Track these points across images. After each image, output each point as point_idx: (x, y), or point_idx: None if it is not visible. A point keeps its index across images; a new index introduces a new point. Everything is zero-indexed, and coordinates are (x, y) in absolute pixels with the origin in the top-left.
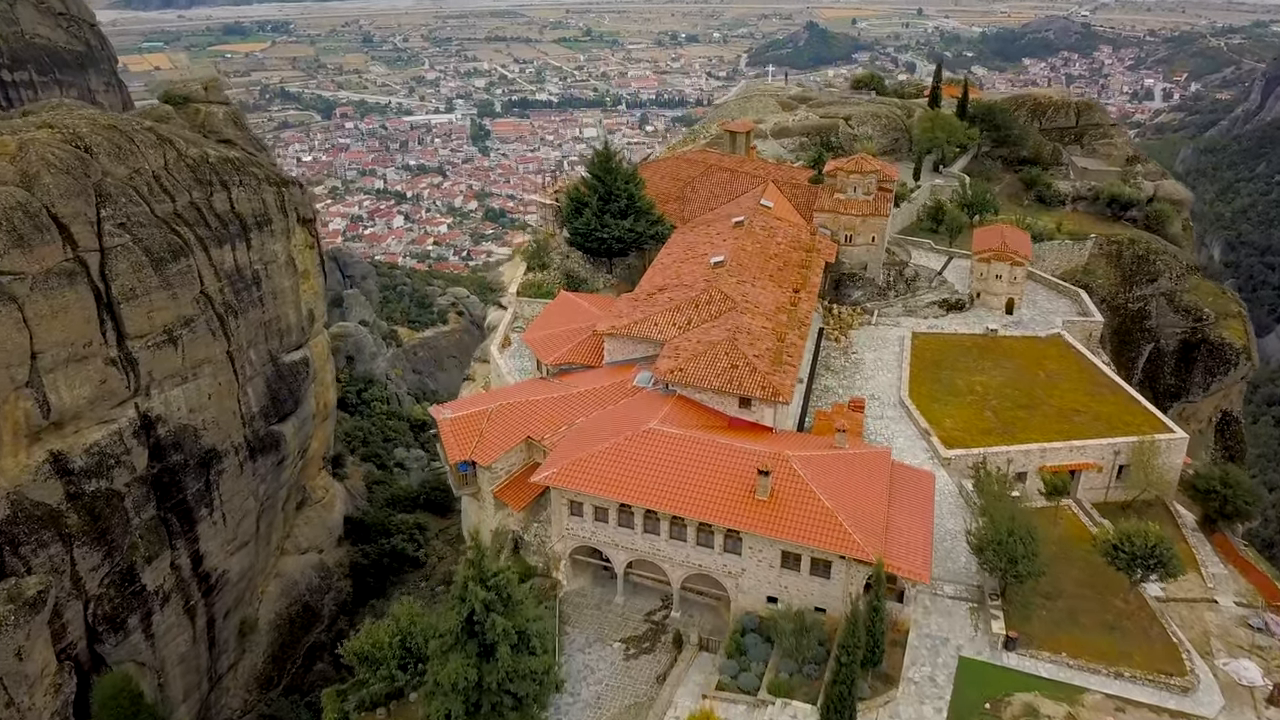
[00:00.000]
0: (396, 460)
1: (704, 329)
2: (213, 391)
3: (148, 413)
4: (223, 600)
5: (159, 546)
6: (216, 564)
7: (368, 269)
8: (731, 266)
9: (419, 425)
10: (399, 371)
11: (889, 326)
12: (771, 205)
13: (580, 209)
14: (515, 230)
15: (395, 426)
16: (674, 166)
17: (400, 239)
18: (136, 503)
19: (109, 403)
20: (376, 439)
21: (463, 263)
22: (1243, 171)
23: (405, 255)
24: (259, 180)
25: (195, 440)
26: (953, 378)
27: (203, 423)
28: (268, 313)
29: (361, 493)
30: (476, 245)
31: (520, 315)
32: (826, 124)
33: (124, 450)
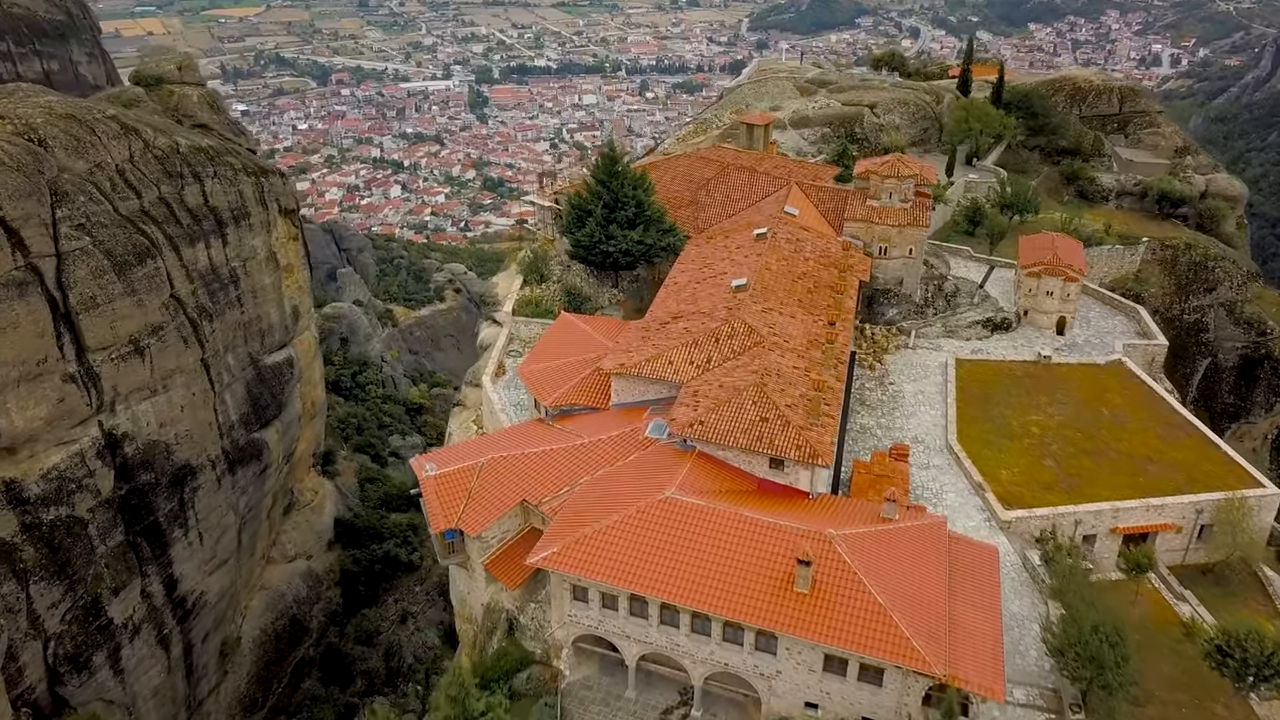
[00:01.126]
0: (391, 449)
1: (726, 369)
2: (186, 403)
3: (113, 430)
4: (201, 624)
5: (127, 575)
6: (193, 586)
7: (364, 242)
8: (755, 290)
9: (415, 409)
10: (395, 353)
11: (928, 350)
12: (796, 213)
13: (582, 218)
14: (513, 200)
15: (391, 411)
16: (686, 166)
17: (397, 209)
18: (101, 529)
19: (68, 422)
20: (371, 426)
21: (461, 233)
22: (1254, 141)
23: (402, 226)
24: (235, 170)
25: (167, 457)
26: (1005, 416)
27: (175, 437)
28: (247, 313)
29: (354, 490)
30: (475, 215)
31: (516, 336)
32: (850, 113)
33: (87, 473)
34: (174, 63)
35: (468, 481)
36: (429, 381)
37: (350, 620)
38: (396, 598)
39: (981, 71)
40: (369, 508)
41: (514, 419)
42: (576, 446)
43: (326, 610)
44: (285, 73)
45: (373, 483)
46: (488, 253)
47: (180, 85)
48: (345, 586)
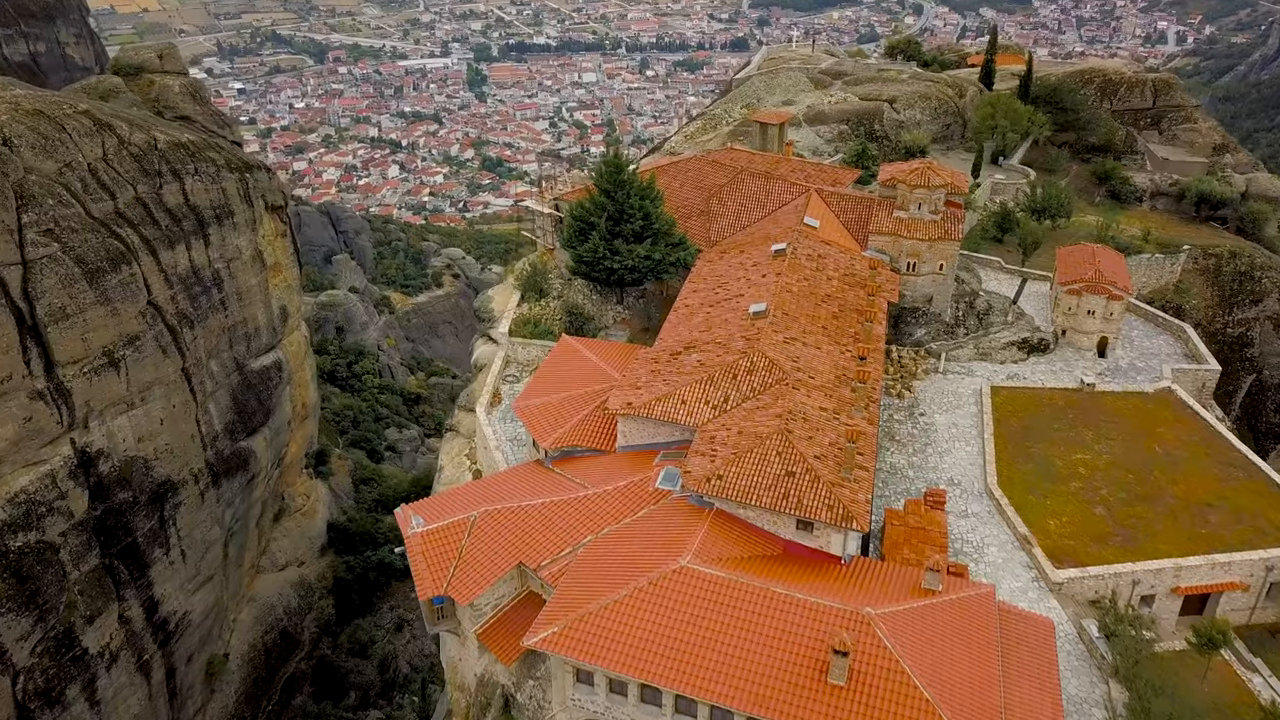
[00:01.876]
0: (388, 443)
1: (745, 411)
2: (165, 415)
3: (86, 448)
4: (185, 645)
5: (104, 601)
6: (176, 607)
7: (361, 224)
8: (776, 318)
9: (413, 398)
10: (392, 341)
11: (960, 375)
12: (817, 225)
13: (584, 231)
14: (512, 180)
15: (388, 401)
16: (696, 171)
17: (395, 189)
18: (75, 554)
19: (37, 442)
20: (368, 419)
21: (459, 214)
22: (1262, 121)
23: (400, 206)
24: (218, 167)
25: (146, 473)
26: (1048, 454)
27: (154, 452)
28: (232, 317)
29: (348, 491)
30: (473, 196)
31: (513, 359)
32: (868, 108)
33: (58, 495)
34: (155, 51)
35: (458, 539)
36: (427, 370)
37: (344, 630)
38: (392, 605)
39: (1005, 61)
40: (363, 510)
41: (510, 457)
42: (579, 499)
43: (319, 620)
44: (282, 50)
45: (367, 483)
46: (486, 235)
47: (161, 75)
48: (338, 595)
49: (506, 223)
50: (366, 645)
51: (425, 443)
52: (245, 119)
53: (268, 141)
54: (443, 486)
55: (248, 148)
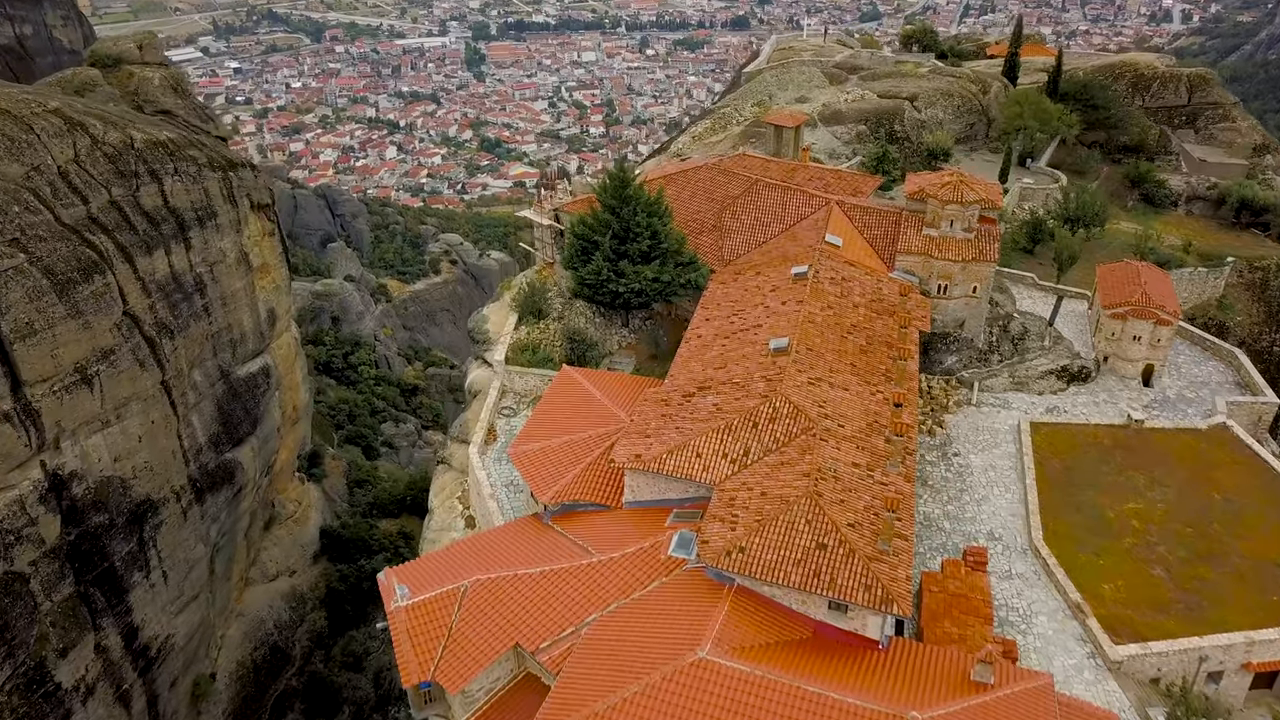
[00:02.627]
0: (384, 439)
1: (769, 467)
2: (144, 432)
3: (58, 470)
4: (168, 670)
5: (78, 632)
6: (158, 631)
7: (359, 207)
8: (799, 354)
9: (410, 389)
10: (388, 331)
11: (995, 408)
12: (840, 243)
13: (587, 251)
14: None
15: (384, 393)
16: (707, 181)
17: (393, 171)
18: (46, 583)
19: (4, 466)
20: (364, 413)
21: (457, 196)
22: (1270, 102)
23: (398, 188)
24: (199, 166)
25: (123, 493)
26: (1097, 502)
27: (132, 471)
28: (215, 323)
29: (342, 494)
30: (472, 178)
31: (510, 389)
32: (888, 107)
33: (27, 521)
34: (134, 41)
35: (447, 614)
36: (424, 360)
37: (337, 642)
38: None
39: (1028, 52)
40: (357, 514)
41: (506, 505)
42: (583, 568)
43: (310, 633)
44: (278, 29)
45: (362, 485)
46: (485, 218)
47: (141, 66)
48: (331, 605)
49: (505, 204)
50: (360, 657)
51: (422, 436)
52: (241, 99)
53: (264, 122)
54: (432, 533)
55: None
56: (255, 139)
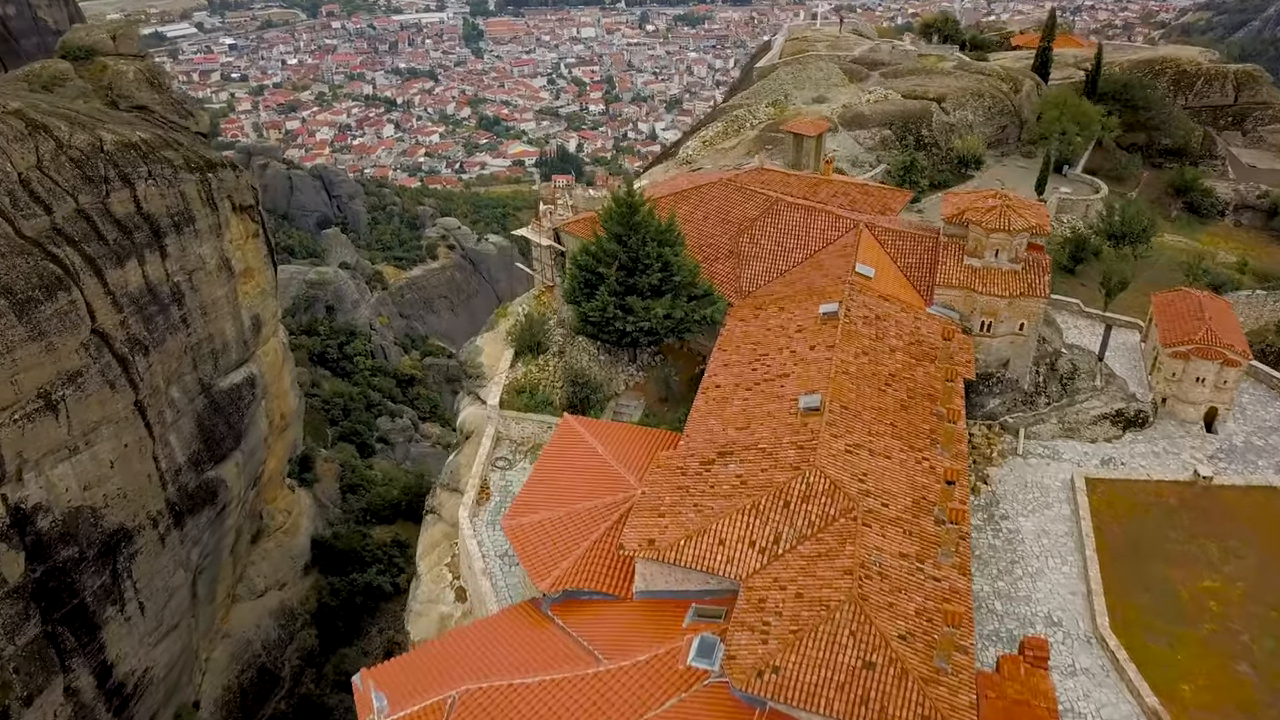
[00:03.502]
0: (380, 434)
1: (803, 559)
2: (116, 457)
3: (21, 504)
4: (147, 704)
5: (45, 676)
6: (135, 665)
7: (355, 189)
8: (834, 414)
9: (406, 380)
10: (385, 319)
11: (1044, 459)
12: (872, 273)
13: (591, 284)
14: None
15: (380, 384)
16: (723, 200)
17: (390, 150)
18: (9, 626)
19: None
20: (359, 407)
21: (455, 175)
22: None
23: (396, 168)
24: (175, 168)
25: (94, 524)
26: (1167, 577)
27: (104, 499)
28: (195, 334)
29: (335, 499)
30: (470, 156)
31: (505, 436)
32: (914, 109)
33: None
34: (108, 30)
35: None
36: (421, 349)
37: (328, 660)
38: (380, 627)
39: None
40: (350, 519)
41: (501, 583)
42: (587, 679)
43: (301, 652)
44: (274, 4)
45: (355, 491)
46: (483, 198)
47: (115, 58)
48: (322, 620)
49: (504, 184)
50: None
51: (419, 429)
52: (237, 75)
53: (260, 99)
54: (419, 604)
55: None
56: (251, 116)
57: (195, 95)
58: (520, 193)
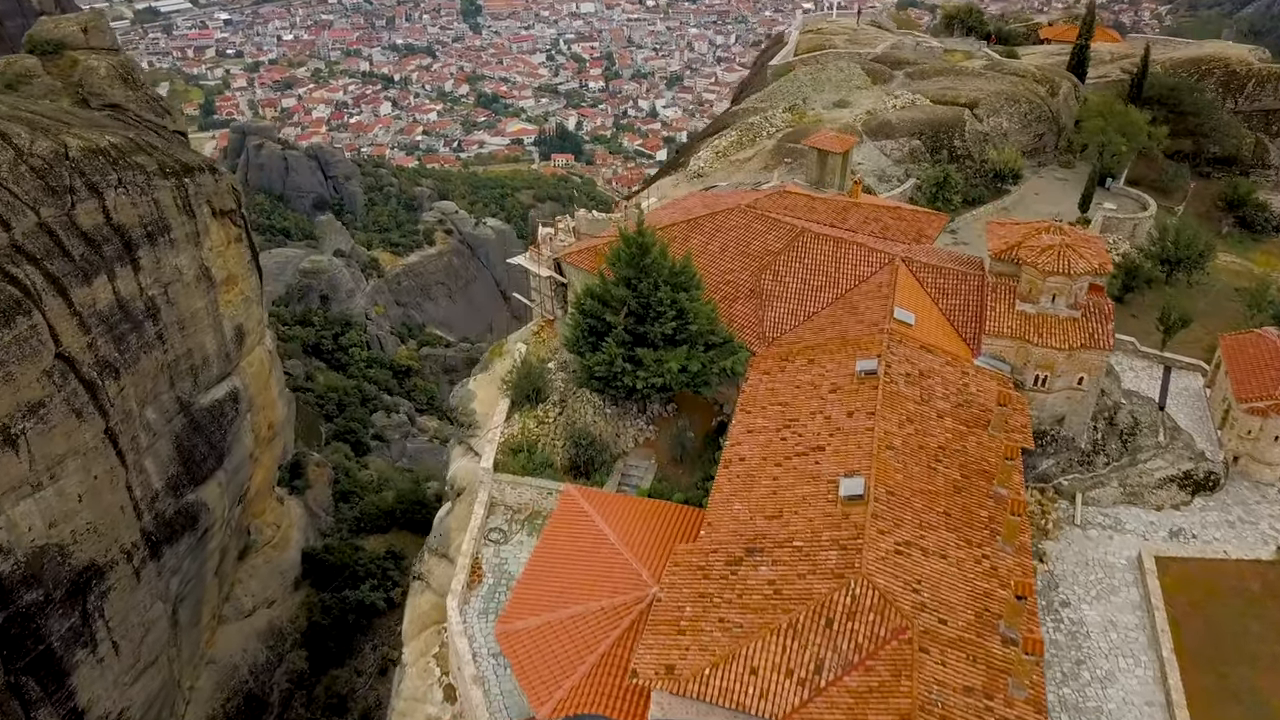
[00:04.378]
0: (375, 431)
1: (852, 697)
2: (85, 490)
3: None
4: None
5: None
6: (110, 708)
7: (352, 169)
8: (880, 501)
9: (403, 371)
10: (380, 309)
11: (1105, 530)
12: (912, 320)
13: (596, 333)
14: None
15: (376, 376)
16: (741, 230)
17: (388, 128)
18: None
19: None
20: (354, 401)
21: (453, 154)
22: None
23: (393, 146)
24: (148, 174)
25: (61, 563)
26: (1255, 686)
27: (72, 536)
28: (172, 351)
29: (327, 506)
30: (468, 135)
31: (499, 502)
32: (945, 116)
33: None
34: (77, 23)
35: None
36: (418, 339)
37: (319, 682)
38: (374, 644)
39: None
40: (343, 529)
41: (494, 689)
42: None
43: (290, 674)
44: None
45: (348, 499)
46: (481, 178)
47: (86, 52)
48: (313, 641)
49: (503, 163)
50: (345, 698)
51: (415, 424)
52: (232, 52)
53: (255, 76)
54: (403, 702)
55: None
56: (246, 94)
57: (190, 71)
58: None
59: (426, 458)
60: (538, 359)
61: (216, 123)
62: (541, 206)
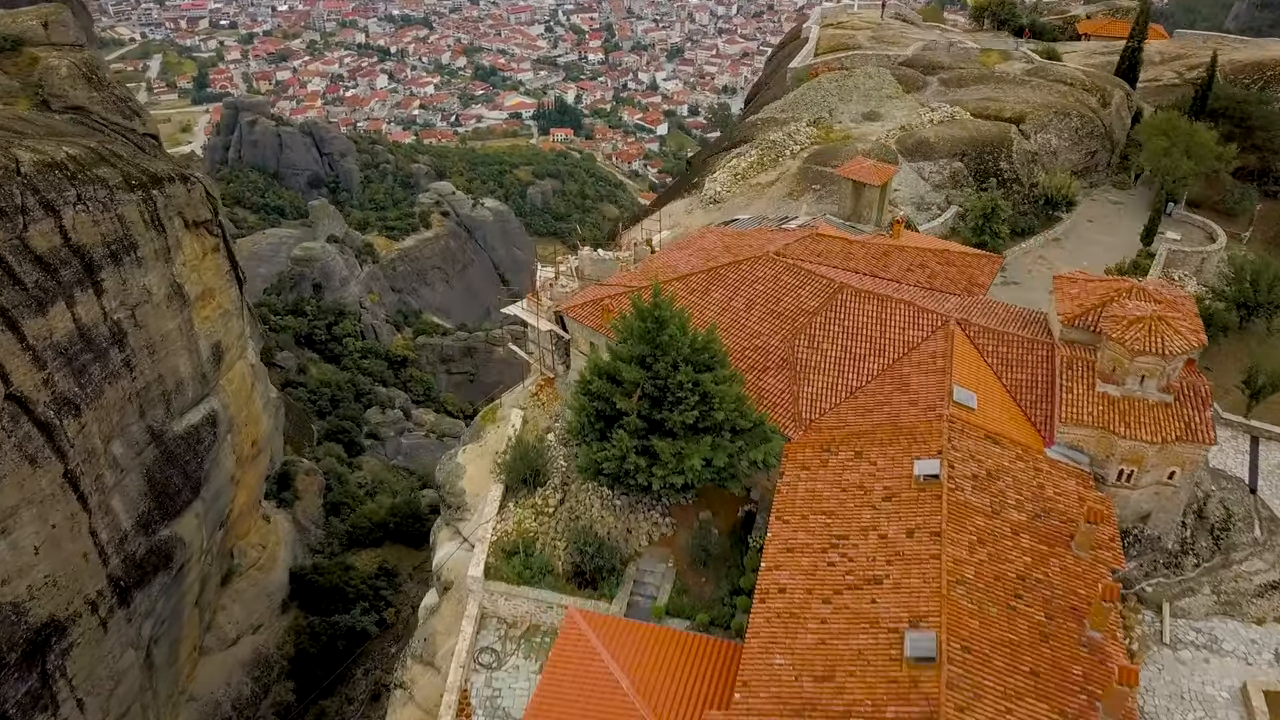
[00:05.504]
0: (369, 429)
1: None
2: (42, 541)
3: None
4: None
5: None
6: None
7: (347, 145)
8: (954, 665)
9: (398, 361)
10: (375, 296)
11: (1199, 651)
12: (975, 402)
13: (605, 418)
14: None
15: (371, 367)
16: (770, 284)
17: (384, 102)
18: None
19: None
20: (348, 396)
21: (450, 129)
22: None
23: (389, 120)
24: (111, 188)
25: (17, 622)
26: None
27: (28, 592)
28: (141, 378)
29: (317, 518)
30: (465, 109)
31: (491, 614)
32: (988, 134)
33: None
34: (37, 17)
35: None
36: (414, 327)
37: (308, 712)
38: (366, 668)
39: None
40: (334, 544)
41: None
42: None
43: (276, 707)
44: None
45: (338, 512)
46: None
47: (47, 49)
48: (300, 669)
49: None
50: None
51: (411, 418)
52: (226, 23)
53: (249, 48)
54: None
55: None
56: (240, 66)
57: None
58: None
59: (422, 454)
60: (536, 435)
61: (210, 95)
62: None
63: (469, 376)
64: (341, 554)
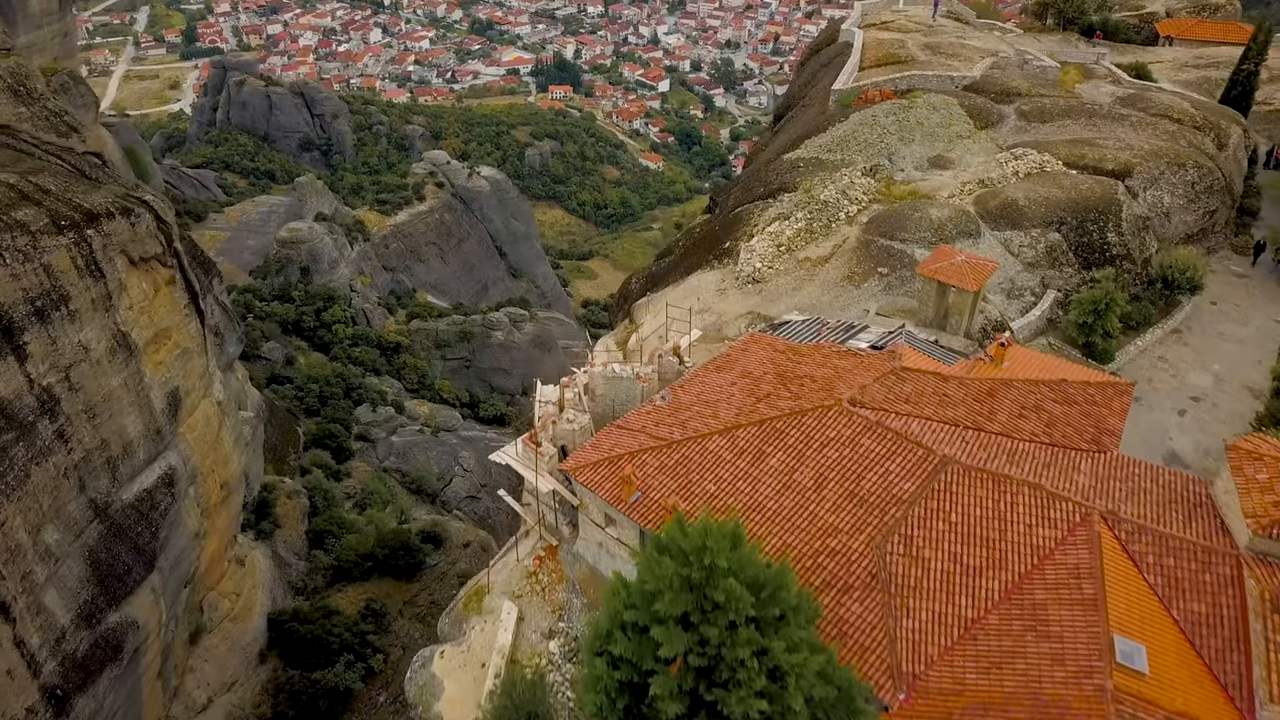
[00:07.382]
0: (359, 429)
1: None
2: None
3: None
4: None
5: None
6: None
7: (339, 107)
8: None
9: (391, 347)
10: (366, 279)
11: None
12: (1145, 664)
13: (633, 691)
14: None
15: (362, 355)
16: (845, 448)
17: (378, 57)
18: None
19: None
20: (337, 392)
21: (446, 86)
22: None
23: (383, 77)
24: (33, 233)
25: None
26: None
27: None
28: (80, 448)
29: (300, 549)
30: (462, 64)
31: None
32: (1092, 196)
33: None
34: None
35: None
36: (408, 309)
37: None
38: None
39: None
40: (317, 580)
41: None
42: None
43: None
44: None
45: (323, 544)
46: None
47: None
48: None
49: (498, 95)
50: None
51: (404, 412)
52: None
53: (239, 2)
54: None
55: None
56: (230, 20)
57: None
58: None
59: (416, 452)
60: (533, 661)
61: (199, 50)
62: (539, 145)
63: (465, 362)
64: (325, 591)
